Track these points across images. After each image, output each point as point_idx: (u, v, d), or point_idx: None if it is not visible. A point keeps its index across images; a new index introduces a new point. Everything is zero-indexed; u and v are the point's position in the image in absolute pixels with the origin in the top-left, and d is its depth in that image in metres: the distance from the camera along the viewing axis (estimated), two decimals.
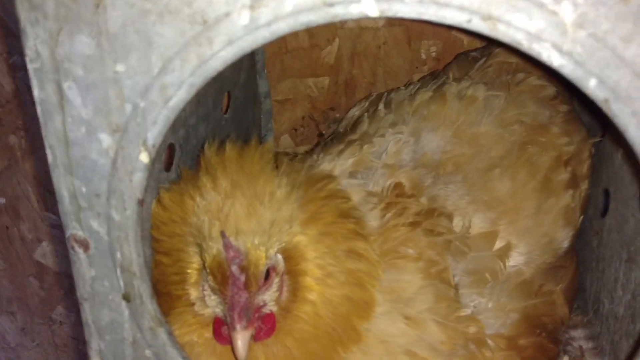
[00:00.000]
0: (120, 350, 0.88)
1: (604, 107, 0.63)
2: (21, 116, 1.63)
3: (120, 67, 0.69)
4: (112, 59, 0.69)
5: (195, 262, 0.95)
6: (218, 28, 0.66)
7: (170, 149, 1.02)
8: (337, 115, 1.63)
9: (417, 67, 1.58)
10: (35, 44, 0.68)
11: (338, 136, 1.30)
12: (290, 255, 0.94)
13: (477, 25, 0.64)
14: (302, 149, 1.69)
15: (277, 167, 1.01)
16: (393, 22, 1.52)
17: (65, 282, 1.84)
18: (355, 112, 1.39)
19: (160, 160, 0.94)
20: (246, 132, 1.49)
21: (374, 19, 0.62)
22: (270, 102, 1.62)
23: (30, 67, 0.70)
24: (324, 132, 1.54)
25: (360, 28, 1.53)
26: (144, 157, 0.73)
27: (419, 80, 1.41)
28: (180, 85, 0.69)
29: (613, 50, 0.61)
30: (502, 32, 0.63)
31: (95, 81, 0.70)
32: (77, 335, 1.90)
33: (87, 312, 0.85)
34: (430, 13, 0.65)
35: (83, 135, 0.74)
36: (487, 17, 0.64)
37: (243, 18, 0.65)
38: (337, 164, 1.15)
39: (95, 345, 0.87)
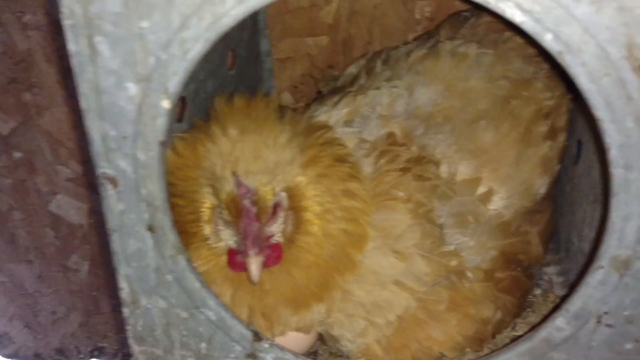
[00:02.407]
0: (145, 276, 0.97)
1: (559, 58, 0.73)
2: (35, 74, 1.68)
3: (144, 24, 0.78)
4: (138, 17, 0.78)
5: (207, 202, 1.04)
6: None
7: (182, 101, 1.10)
8: (336, 73, 1.66)
9: (411, 27, 1.59)
10: (70, 3, 0.77)
11: (335, 90, 1.36)
12: (293, 193, 1.03)
13: None
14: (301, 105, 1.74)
15: (281, 117, 1.09)
16: None
17: (78, 232, 1.91)
18: (352, 69, 1.43)
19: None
20: (249, 88, 1.55)
21: None
22: (272, 61, 1.66)
23: (66, 23, 0.78)
24: (322, 89, 1.58)
25: None
26: (166, 104, 0.83)
27: (415, 39, 1.46)
28: (197, 40, 0.79)
29: (566, 9, 0.70)
30: None
31: (122, 36, 0.79)
32: (90, 282, 1.99)
33: (116, 242, 0.95)
34: None
35: (112, 84, 0.82)
36: None
37: None
38: (333, 114, 1.21)
39: (123, 271, 0.97)
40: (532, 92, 1.26)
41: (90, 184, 1.87)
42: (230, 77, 1.40)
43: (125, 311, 1.02)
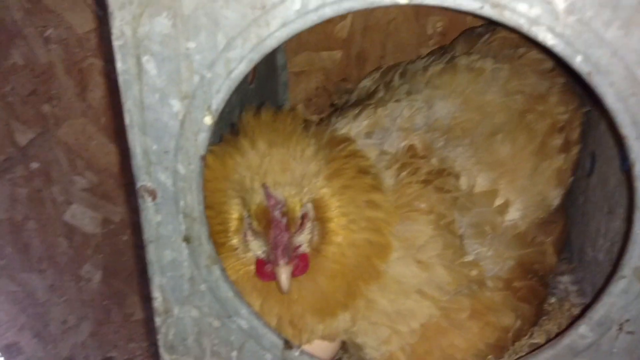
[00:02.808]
0: (178, 285, 0.99)
1: (588, 79, 0.77)
2: (54, 86, 1.72)
3: (191, 44, 0.82)
4: (185, 37, 0.81)
5: (235, 213, 1.06)
6: (274, 12, 0.79)
7: None
8: (349, 86, 1.68)
9: (424, 42, 1.64)
10: (121, 25, 0.81)
11: (353, 103, 1.39)
12: (318, 204, 1.06)
13: (488, 11, 0.78)
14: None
15: (305, 130, 1.12)
16: None
17: (92, 241, 1.93)
18: (366, 82, 1.46)
19: None
20: (266, 101, 1.59)
21: (402, 5, 0.74)
22: (287, 74, 1.70)
23: (116, 43, 0.82)
24: (336, 102, 1.61)
25: None
26: (208, 120, 0.86)
27: (430, 54, 1.49)
28: (241, 60, 0.82)
29: (596, 33, 0.74)
30: (508, 17, 0.76)
31: (169, 56, 0.83)
32: (102, 292, 2.01)
33: (152, 253, 0.97)
34: (449, 2, 0.79)
35: (157, 101, 0.86)
36: (496, 5, 0.77)
37: (296, 4, 0.79)
38: (353, 126, 1.23)
39: (157, 281, 1.00)
40: (546, 106, 1.29)
41: (105, 194, 1.89)
42: (250, 91, 1.43)
43: (157, 320, 1.04)
